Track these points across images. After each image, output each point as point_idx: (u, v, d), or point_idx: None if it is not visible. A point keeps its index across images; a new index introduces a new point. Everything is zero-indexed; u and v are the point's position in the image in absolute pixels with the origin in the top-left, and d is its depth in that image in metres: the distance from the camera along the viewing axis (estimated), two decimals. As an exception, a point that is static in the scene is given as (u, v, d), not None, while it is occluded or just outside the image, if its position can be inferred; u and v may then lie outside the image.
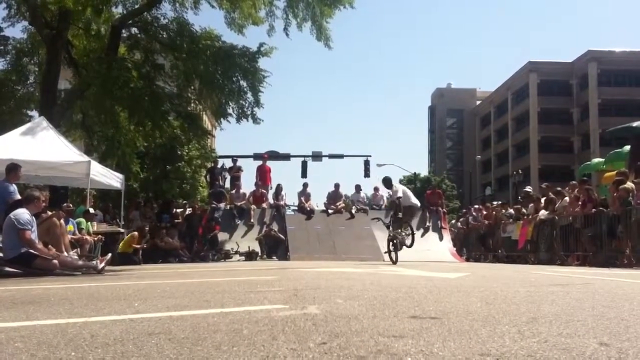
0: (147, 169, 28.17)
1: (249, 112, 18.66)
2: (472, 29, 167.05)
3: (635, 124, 22.10)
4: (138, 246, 15.82)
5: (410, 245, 13.11)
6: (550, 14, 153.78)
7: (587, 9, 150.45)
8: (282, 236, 19.38)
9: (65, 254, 9.83)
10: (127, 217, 18.32)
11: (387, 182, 14.22)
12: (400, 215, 13.25)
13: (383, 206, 22.16)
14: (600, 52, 69.11)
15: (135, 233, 16.03)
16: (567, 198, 16.18)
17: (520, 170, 58.59)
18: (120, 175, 15.83)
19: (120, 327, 2.97)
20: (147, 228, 16.93)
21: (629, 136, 22.20)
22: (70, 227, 11.94)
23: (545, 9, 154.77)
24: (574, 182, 18.64)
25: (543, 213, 16.64)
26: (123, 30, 18.81)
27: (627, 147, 21.61)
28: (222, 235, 19.41)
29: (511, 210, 19.97)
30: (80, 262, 9.93)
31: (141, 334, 2.73)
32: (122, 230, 16.08)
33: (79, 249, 11.64)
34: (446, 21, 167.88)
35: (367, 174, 34.38)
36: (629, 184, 13.95)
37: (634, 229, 13.01)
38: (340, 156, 37.01)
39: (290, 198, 22.43)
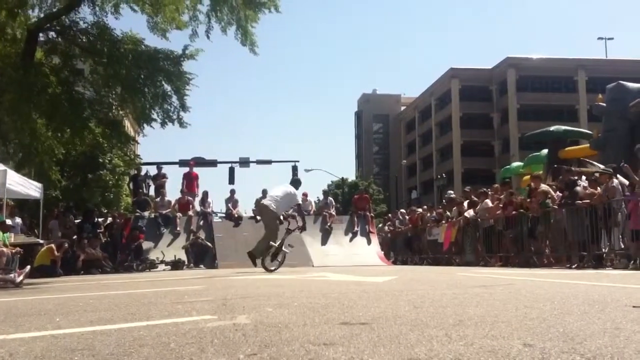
0: (67, 177, 27.27)
1: (174, 117, 18.34)
2: (397, 36, 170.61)
3: (552, 128, 23.13)
4: (58, 254, 15.27)
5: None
6: (470, 21, 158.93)
7: (505, 17, 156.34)
8: (209, 244, 19.11)
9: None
10: (45, 227, 17.64)
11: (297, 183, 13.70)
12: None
13: (311, 212, 22.19)
14: (518, 59, 71.41)
15: (52, 245, 15.44)
16: (487, 200, 16.68)
17: (444, 174, 60.13)
18: (39, 184, 15.22)
19: (41, 344, 2.84)
20: (66, 243, 16.28)
21: (546, 140, 23.20)
22: (-16, 239, 11.39)
23: (466, 17, 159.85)
24: (496, 185, 19.25)
25: (469, 212, 17.10)
26: (40, 35, 18.13)
27: (545, 151, 22.57)
28: (146, 245, 18.91)
29: (435, 214, 20.43)
30: (-3, 276, 9.50)
31: (63, 350, 2.62)
32: (41, 241, 15.46)
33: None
34: (371, 27, 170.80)
35: (295, 179, 34.36)
36: (544, 186, 14.53)
37: (553, 230, 13.55)
38: (268, 162, 36.92)
39: (218, 205, 22.18)
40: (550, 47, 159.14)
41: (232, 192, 22.12)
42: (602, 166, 14.60)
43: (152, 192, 23.00)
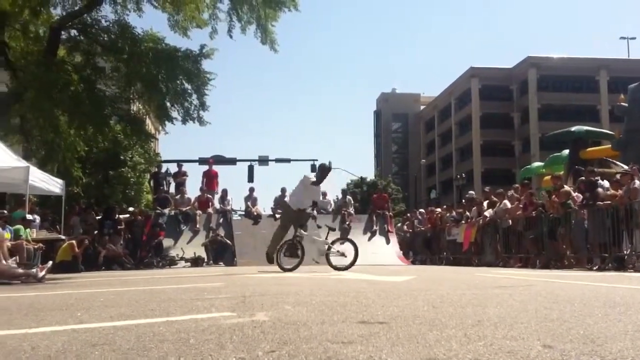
0: (89, 174, 27.51)
1: (194, 115, 18.48)
2: (417, 35, 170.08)
3: (573, 128, 22.89)
4: (79, 250, 15.47)
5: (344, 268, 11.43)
6: (491, 20, 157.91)
7: (526, 16, 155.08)
8: (228, 241, 19.20)
9: (4, 262, 9.49)
10: (67, 223, 17.82)
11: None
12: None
13: (330, 210, 22.17)
14: (539, 58, 70.86)
15: (73, 242, 15.62)
16: (506, 201, 16.55)
17: (463, 174, 59.73)
18: (61, 181, 15.41)
19: (62, 338, 2.88)
20: (87, 239, 16.44)
21: (567, 140, 22.98)
22: (7, 234, 11.52)
23: (486, 16, 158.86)
24: (516, 185, 19.10)
25: (489, 212, 16.99)
26: (62, 32, 18.34)
27: (566, 151, 22.35)
28: (167, 242, 19.05)
29: (455, 214, 20.31)
30: (20, 271, 9.61)
31: (84, 345, 2.65)
32: (62, 237, 15.64)
33: (17, 257, 11.24)
34: (391, 26, 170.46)
35: (314, 178, 34.34)
36: (567, 187, 14.39)
37: (573, 231, 13.41)
38: (287, 160, 36.98)
39: (237, 203, 22.25)
40: (571, 47, 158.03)
41: (251, 190, 22.15)
42: (625, 167, 14.41)
43: (172, 189, 23.13)
